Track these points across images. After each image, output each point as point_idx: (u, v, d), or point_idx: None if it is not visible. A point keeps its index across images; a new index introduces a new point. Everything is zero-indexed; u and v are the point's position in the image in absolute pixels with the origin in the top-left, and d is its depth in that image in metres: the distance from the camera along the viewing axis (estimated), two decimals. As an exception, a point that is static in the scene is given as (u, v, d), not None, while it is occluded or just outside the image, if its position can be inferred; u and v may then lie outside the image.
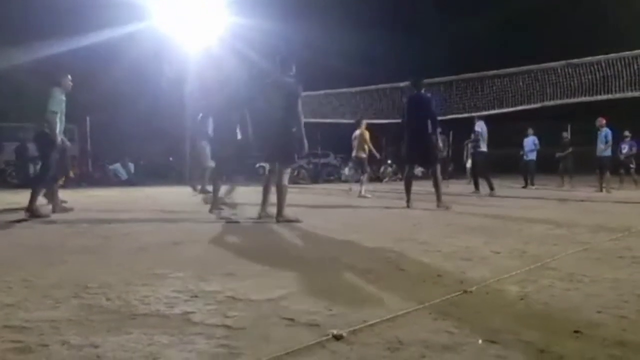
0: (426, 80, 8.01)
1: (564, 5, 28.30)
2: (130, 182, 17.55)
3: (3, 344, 1.77)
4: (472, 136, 12.18)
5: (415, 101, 7.62)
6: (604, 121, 12.70)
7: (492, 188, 11.06)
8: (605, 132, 12.64)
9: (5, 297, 2.40)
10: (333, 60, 23.76)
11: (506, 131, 17.89)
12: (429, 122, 7.41)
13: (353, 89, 15.89)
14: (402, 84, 14.06)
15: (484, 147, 11.83)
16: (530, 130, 14.97)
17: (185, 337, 1.86)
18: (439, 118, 7.95)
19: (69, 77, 6.94)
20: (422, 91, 7.88)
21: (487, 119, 12.34)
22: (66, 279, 2.78)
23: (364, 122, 11.93)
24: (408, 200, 7.59)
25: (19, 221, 5.90)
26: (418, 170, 12.29)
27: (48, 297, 2.39)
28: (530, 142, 14.84)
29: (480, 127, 11.93)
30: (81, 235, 4.82)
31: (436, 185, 7.53)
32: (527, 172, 14.72)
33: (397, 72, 17.53)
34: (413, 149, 7.58)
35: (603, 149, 12.61)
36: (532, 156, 14.75)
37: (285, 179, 5.84)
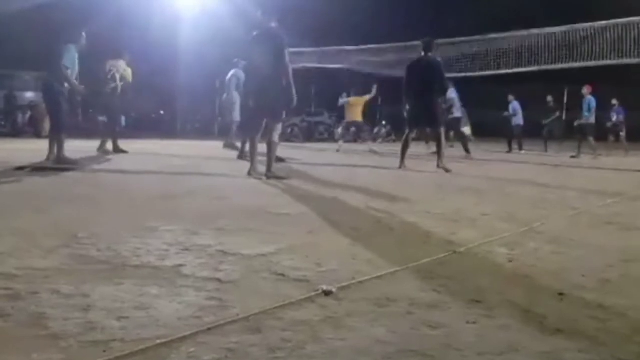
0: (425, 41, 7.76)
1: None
2: (121, 135, 17.37)
3: (-7, 291, 1.78)
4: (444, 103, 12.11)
5: (425, 65, 7.42)
6: (590, 89, 12.71)
7: (467, 151, 11.35)
8: (589, 99, 12.67)
9: (-5, 245, 2.40)
10: (337, 14, 23.25)
11: (494, 94, 17.80)
12: (437, 86, 7.31)
13: (349, 47, 15.64)
14: (403, 44, 13.86)
15: (457, 113, 11.84)
16: (510, 97, 14.92)
17: (176, 289, 1.87)
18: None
19: (84, 35, 7.25)
20: (431, 54, 7.71)
21: (461, 82, 12.32)
22: (57, 228, 2.78)
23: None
24: (402, 162, 7.58)
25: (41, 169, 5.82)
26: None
27: (39, 246, 2.39)
28: (510, 108, 14.82)
29: (452, 92, 11.84)
30: (74, 185, 4.81)
31: (439, 146, 7.49)
32: (512, 137, 14.68)
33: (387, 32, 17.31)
34: (419, 113, 7.44)
35: (587, 116, 12.68)
36: (517, 121, 14.72)
37: (276, 136, 5.76)
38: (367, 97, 12.80)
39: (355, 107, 12.87)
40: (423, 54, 7.62)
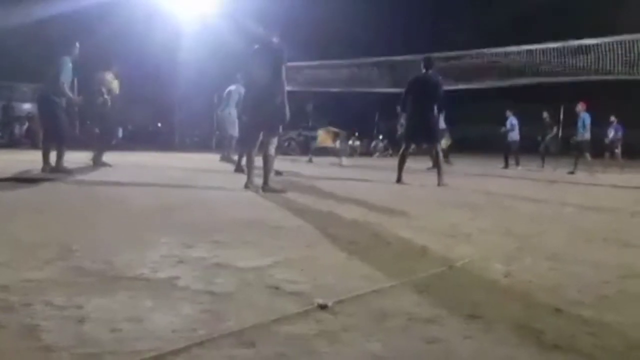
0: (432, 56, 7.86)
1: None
2: (118, 147, 17.32)
3: (-14, 302, 1.76)
4: None
5: (425, 82, 7.48)
6: (584, 106, 12.78)
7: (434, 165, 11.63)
8: (584, 116, 12.73)
9: (-11, 256, 2.38)
10: (339, 26, 23.41)
11: (493, 110, 17.97)
12: (436, 103, 7.38)
13: (346, 61, 15.75)
14: (398, 58, 14.00)
15: (442, 125, 12.14)
16: (508, 113, 14.98)
17: (170, 301, 1.86)
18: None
19: (77, 45, 7.43)
20: (432, 71, 7.76)
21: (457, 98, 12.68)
22: (52, 240, 2.76)
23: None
24: (399, 177, 7.60)
25: (32, 181, 5.83)
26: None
27: (33, 258, 2.37)
28: (508, 123, 14.86)
29: None
30: (69, 197, 4.79)
31: (438, 164, 7.53)
32: (508, 153, 14.70)
33: (384, 46, 17.48)
34: (416, 128, 7.52)
35: (582, 132, 12.74)
36: (514, 137, 14.75)
37: (272, 149, 5.78)
38: (336, 130, 14.99)
39: (325, 135, 14.96)
40: (424, 70, 7.67)
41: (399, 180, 7.55)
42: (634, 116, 18.53)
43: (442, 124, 12.02)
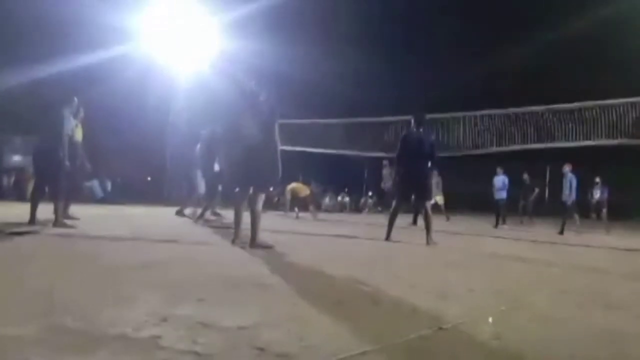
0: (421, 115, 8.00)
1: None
2: (105, 200, 17.21)
3: (-41, 361, 1.70)
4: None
5: (417, 140, 7.59)
6: (570, 167, 13.05)
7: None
8: (570, 177, 12.97)
9: (-35, 312, 2.30)
10: (332, 83, 23.92)
11: (478, 169, 18.31)
12: (429, 160, 7.50)
13: (335, 120, 16.02)
14: (388, 119, 14.30)
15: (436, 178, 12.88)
16: (499, 170, 15.23)
17: (152, 362, 1.80)
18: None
19: (76, 100, 7.70)
20: (423, 129, 7.90)
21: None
22: (33, 295, 2.69)
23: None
24: (388, 234, 7.56)
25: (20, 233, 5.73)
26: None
27: (12, 314, 2.31)
28: (499, 181, 15.09)
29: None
30: (52, 251, 4.70)
31: (427, 222, 7.49)
32: (498, 211, 14.84)
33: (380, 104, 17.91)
34: (410, 185, 7.60)
35: (568, 194, 12.92)
36: (502, 195, 14.97)
37: (260, 204, 5.74)
38: (308, 188, 15.77)
39: (300, 185, 15.66)
40: (415, 128, 7.81)
41: (388, 237, 7.51)
42: (618, 178, 18.88)
43: (435, 177, 12.36)
